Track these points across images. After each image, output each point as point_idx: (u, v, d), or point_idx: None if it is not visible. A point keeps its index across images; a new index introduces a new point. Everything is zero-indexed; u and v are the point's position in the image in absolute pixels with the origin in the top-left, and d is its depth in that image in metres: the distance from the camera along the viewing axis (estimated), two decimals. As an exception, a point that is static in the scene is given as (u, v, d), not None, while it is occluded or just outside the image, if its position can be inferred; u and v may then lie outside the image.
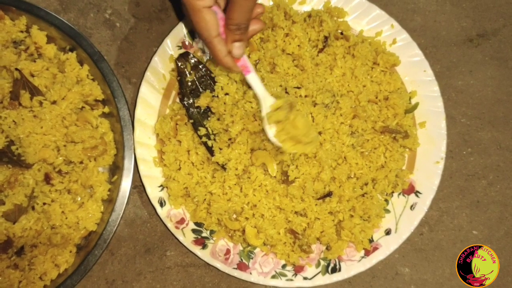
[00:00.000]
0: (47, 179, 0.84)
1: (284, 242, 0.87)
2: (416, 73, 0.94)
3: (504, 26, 1.02)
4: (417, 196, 0.91)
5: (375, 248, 0.89)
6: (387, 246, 0.89)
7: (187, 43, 0.93)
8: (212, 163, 0.88)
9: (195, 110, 0.89)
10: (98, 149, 0.86)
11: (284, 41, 0.90)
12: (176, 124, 0.90)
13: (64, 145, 0.85)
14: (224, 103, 0.86)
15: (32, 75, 0.86)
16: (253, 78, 0.81)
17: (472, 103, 1.00)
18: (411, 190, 0.92)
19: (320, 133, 0.86)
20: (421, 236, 0.95)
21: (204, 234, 0.89)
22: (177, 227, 0.88)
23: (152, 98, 0.91)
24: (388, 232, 0.90)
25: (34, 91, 0.84)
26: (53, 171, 0.85)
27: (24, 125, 0.82)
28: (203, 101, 0.88)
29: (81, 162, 0.87)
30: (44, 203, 0.84)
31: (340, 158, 0.88)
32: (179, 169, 0.89)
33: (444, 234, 0.95)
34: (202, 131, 0.88)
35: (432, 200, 0.90)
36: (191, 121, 0.89)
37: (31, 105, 0.84)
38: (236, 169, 0.86)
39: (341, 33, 0.92)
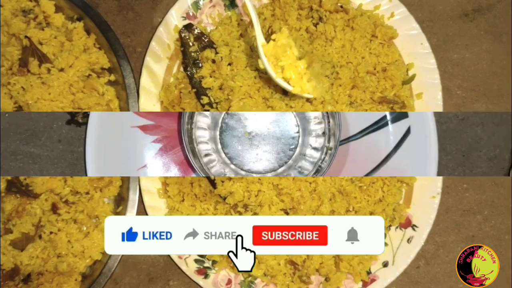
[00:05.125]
0: (54, 208, 0.86)
1: (284, 273, 0.89)
2: (413, 46, 0.96)
3: (498, 2, 1.04)
4: (413, 229, 0.93)
5: (373, 280, 0.91)
6: (385, 278, 0.91)
7: (191, 14, 0.95)
8: (214, 195, 0.89)
9: (198, 79, 0.92)
10: (104, 180, 0.89)
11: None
12: (180, 92, 0.92)
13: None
14: (226, 74, 0.88)
15: (41, 43, 0.88)
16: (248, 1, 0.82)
17: (468, 76, 1.02)
18: (408, 224, 0.93)
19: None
20: (417, 269, 0.96)
21: (206, 264, 0.91)
22: (180, 257, 0.90)
23: (156, 67, 0.93)
24: (385, 265, 0.92)
25: (43, 59, 0.86)
26: (60, 201, 0.87)
27: (32, 91, 0.84)
28: (205, 71, 0.91)
29: (87, 193, 0.88)
30: (51, 232, 0.85)
31: (339, 191, 0.89)
32: (183, 200, 0.91)
33: (440, 267, 0.97)
34: (205, 99, 0.90)
35: (428, 234, 0.92)
36: (194, 90, 0.91)
37: (39, 72, 0.86)
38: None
39: (341, 6, 0.94)
